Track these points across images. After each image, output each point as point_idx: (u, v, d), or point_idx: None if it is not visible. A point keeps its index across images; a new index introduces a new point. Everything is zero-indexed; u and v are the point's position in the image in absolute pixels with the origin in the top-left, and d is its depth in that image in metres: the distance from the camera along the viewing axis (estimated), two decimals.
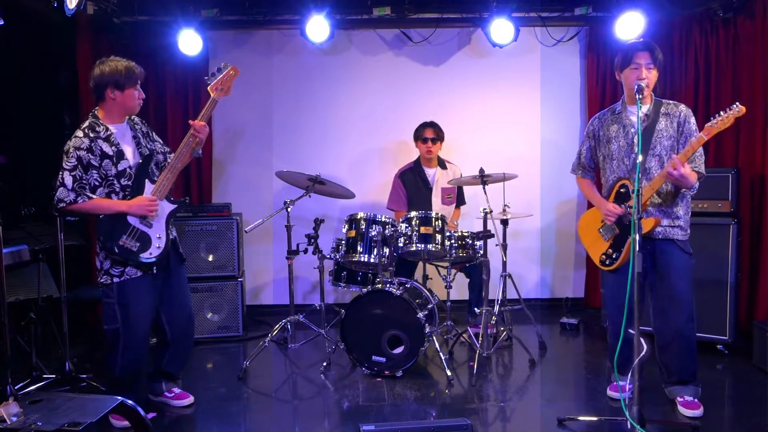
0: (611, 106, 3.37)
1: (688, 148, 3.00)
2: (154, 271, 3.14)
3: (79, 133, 3.03)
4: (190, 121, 3.19)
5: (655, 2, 4.69)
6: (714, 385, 3.59)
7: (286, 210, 4.08)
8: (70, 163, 2.98)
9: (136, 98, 3.12)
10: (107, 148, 3.04)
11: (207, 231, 4.59)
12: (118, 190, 3.06)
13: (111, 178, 3.05)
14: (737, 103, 2.91)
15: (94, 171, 3.02)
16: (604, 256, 3.29)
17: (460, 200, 4.93)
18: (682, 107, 3.19)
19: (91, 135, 3.03)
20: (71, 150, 2.99)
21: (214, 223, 4.61)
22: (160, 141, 3.38)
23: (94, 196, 3.02)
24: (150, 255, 3.08)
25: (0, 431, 2.03)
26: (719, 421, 3.18)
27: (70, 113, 4.76)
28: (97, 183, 3.03)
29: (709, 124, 2.95)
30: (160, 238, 3.12)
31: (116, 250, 3.00)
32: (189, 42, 4.69)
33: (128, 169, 3.09)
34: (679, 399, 3.21)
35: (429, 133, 4.70)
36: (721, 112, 2.93)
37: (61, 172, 2.99)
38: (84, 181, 3.00)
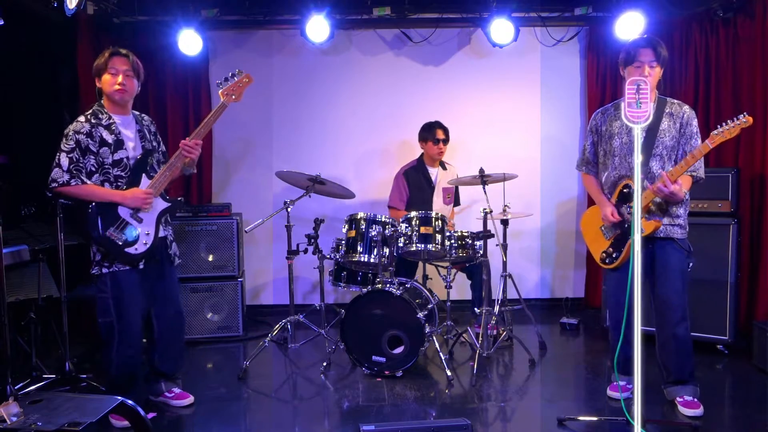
0: (615, 101, 3.37)
1: (690, 159, 2.99)
2: (141, 266, 3.13)
3: (81, 118, 3.06)
4: (181, 142, 3.16)
5: (655, 2, 4.69)
6: (714, 385, 3.59)
7: (286, 210, 4.08)
8: (69, 146, 3.00)
9: (111, 84, 3.07)
10: (107, 136, 3.06)
11: (207, 231, 4.59)
12: (112, 179, 3.07)
13: (107, 166, 3.06)
14: (745, 114, 2.90)
15: (92, 156, 3.03)
16: (604, 254, 3.30)
17: (455, 201, 4.93)
18: (686, 108, 3.19)
19: (93, 121, 3.05)
20: (71, 133, 3.02)
21: (214, 223, 4.60)
22: (164, 148, 3.40)
23: (89, 182, 3.02)
24: (135, 250, 3.06)
25: (0, 431, 2.03)
26: (719, 421, 3.18)
27: (70, 113, 4.75)
28: (93, 169, 3.04)
29: (715, 132, 2.94)
30: (148, 234, 3.11)
31: (101, 242, 3.00)
32: (189, 42, 4.69)
33: (125, 160, 3.09)
34: (678, 399, 3.22)
35: (441, 134, 4.69)
36: (729, 121, 2.92)
37: (58, 153, 3.00)
38: (80, 165, 3.01)
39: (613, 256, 3.25)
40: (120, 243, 3.03)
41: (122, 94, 3.10)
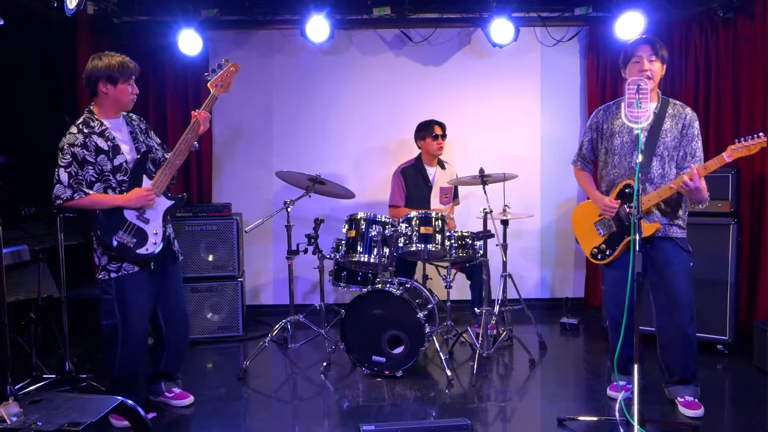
0: (617, 99, 3.36)
1: (713, 163, 2.96)
2: (152, 267, 3.14)
3: (74, 130, 3.04)
4: (194, 112, 3.19)
5: (655, 2, 4.69)
6: (714, 385, 3.59)
7: (286, 210, 4.08)
8: (65, 160, 2.98)
9: (129, 93, 3.11)
10: (102, 143, 3.04)
11: (207, 231, 4.59)
12: (114, 185, 3.06)
13: (107, 174, 3.05)
14: (763, 133, 2.90)
15: (90, 167, 3.02)
16: (596, 250, 3.30)
17: (454, 199, 4.93)
18: (688, 110, 3.18)
19: (85, 131, 3.03)
20: (65, 147, 3.00)
21: (214, 223, 4.60)
22: (158, 140, 3.38)
23: (91, 192, 3.01)
24: (146, 250, 3.06)
25: (0, 431, 2.03)
26: (719, 421, 3.18)
27: (70, 113, 4.76)
28: (93, 179, 3.03)
29: (734, 147, 2.94)
30: (156, 234, 3.11)
31: (113, 246, 3.00)
32: (189, 42, 4.69)
33: (124, 164, 3.09)
34: (679, 399, 3.22)
35: (439, 130, 4.71)
36: (749, 138, 2.91)
37: (56, 170, 2.99)
38: (80, 177, 3.00)
39: (606, 252, 3.25)
40: (131, 246, 3.03)
41: (133, 103, 3.18)
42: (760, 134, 2.90)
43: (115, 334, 3.09)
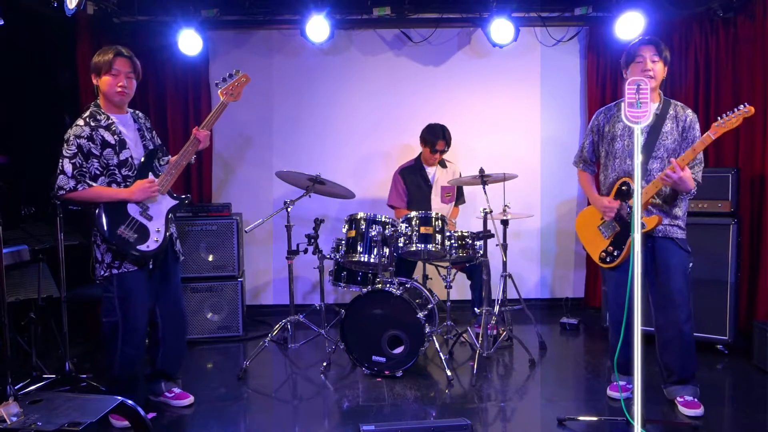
0: (618, 100, 3.35)
1: (690, 151, 2.98)
2: (150, 266, 3.13)
3: (80, 122, 3.03)
4: (194, 130, 3.19)
5: (655, 2, 4.70)
6: (714, 385, 3.59)
7: (286, 210, 4.08)
8: (71, 151, 2.98)
9: (112, 85, 3.05)
10: (109, 137, 3.04)
11: (207, 231, 4.59)
12: (119, 180, 3.06)
13: (112, 168, 3.05)
14: (745, 104, 2.90)
15: (95, 160, 3.02)
16: (604, 254, 3.29)
17: (459, 199, 4.93)
18: (689, 112, 3.18)
19: (92, 124, 3.03)
20: (71, 138, 2.99)
21: (214, 223, 4.60)
22: (159, 141, 3.38)
23: (95, 184, 3.01)
24: (147, 247, 3.05)
25: (0, 431, 2.03)
26: (719, 421, 3.18)
27: (70, 113, 4.75)
28: (98, 172, 3.03)
29: (716, 123, 2.94)
30: (158, 231, 3.11)
31: (113, 240, 2.99)
32: (189, 42, 4.70)
33: (130, 159, 3.09)
34: (678, 399, 3.22)
35: (441, 146, 4.65)
36: (729, 112, 2.92)
37: (61, 160, 2.98)
38: (84, 169, 2.99)
39: (614, 254, 3.24)
40: (132, 241, 3.02)
41: (122, 96, 3.11)
42: (740, 106, 2.90)
43: (115, 332, 3.09)
